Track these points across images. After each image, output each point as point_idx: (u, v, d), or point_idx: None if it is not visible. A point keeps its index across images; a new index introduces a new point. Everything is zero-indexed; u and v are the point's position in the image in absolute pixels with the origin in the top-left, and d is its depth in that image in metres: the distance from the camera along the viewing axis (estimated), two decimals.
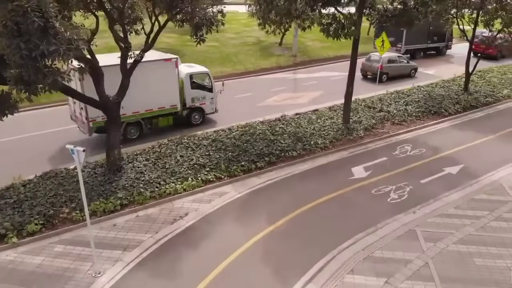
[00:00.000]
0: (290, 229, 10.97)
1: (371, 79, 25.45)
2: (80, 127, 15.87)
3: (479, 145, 16.50)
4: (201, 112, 18.25)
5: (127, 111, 15.26)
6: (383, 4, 16.47)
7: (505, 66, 28.98)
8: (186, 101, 17.51)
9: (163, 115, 16.83)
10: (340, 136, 16.64)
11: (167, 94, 16.44)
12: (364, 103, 20.87)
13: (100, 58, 12.84)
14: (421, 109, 19.91)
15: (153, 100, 16.05)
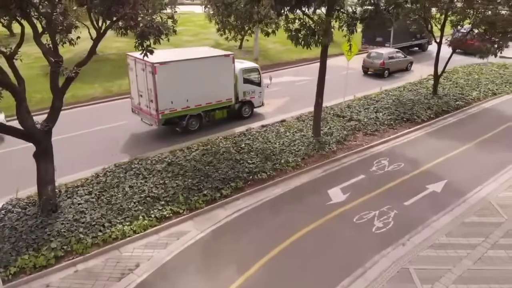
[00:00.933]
0: (264, 278, 9.17)
1: (373, 75, 27.25)
2: (145, 119, 16.71)
3: (459, 155, 15.46)
4: (250, 105, 19.06)
5: (191, 104, 16.35)
6: (351, 6, 15.05)
7: (470, 66, 28.73)
8: (239, 95, 18.27)
9: (219, 108, 17.62)
10: (311, 151, 15.06)
11: (224, 88, 17.36)
12: (332, 111, 19.50)
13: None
14: (393, 116, 18.76)
15: (213, 93, 16.96)
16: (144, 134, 17.11)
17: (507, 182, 13.44)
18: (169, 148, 15.18)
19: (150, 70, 14.74)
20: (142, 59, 13.15)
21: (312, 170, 14.12)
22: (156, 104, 15.33)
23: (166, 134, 17.05)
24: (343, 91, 21.04)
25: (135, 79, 16.23)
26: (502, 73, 26.66)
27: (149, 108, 15.87)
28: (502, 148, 16.07)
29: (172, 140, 16.28)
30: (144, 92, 15.86)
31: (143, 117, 16.79)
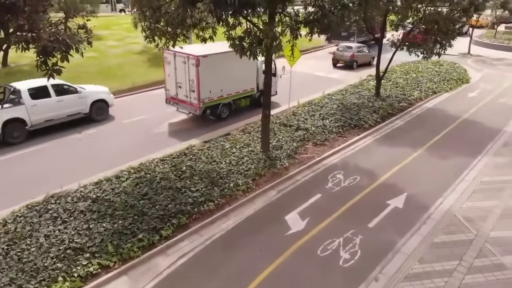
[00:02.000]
0: None
1: (342, 67, 29.65)
2: (183, 109, 18.25)
3: (413, 163, 14.78)
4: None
5: (224, 94, 18.03)
6: (293, 8, 13.70)
7: (406, 65, 28.99)
8: (259, 85, 19.25)
9: (244, 97, 19.26)
10: (262, 169, 13.52)
11: (249, 79, 19.09)
12: (278, 120, 18.16)
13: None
14: (340, 123, 17.82)
15: (241, 84, 18.67)
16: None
17: (466, 190, 12.88)
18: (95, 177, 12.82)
19: (194, 62, 16.39)
20: (184, 53, 16.11)
21: (265, 192, 12.58)
22: (198, 93, 16.92)
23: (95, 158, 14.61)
24: (287, 96, 19.83)
25: (173, 72, 17.51)
26: (438, 71, 27.14)
27: (189, 98, 17.37)
28: (453, 152, 15.70)
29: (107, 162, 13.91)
30: (184, 84, 17.36)
31: (180, 107, 18.34)
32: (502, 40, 39.69)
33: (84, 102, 17.86)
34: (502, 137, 17.23)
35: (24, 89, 15.96)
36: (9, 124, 15.51)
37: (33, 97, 16.11)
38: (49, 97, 16.62)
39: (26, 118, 15.94)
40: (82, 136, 16.86)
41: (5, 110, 15.49)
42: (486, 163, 14.80)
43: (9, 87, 16.12)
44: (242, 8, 9.42)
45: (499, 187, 13.04)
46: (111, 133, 17.29)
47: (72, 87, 17.56)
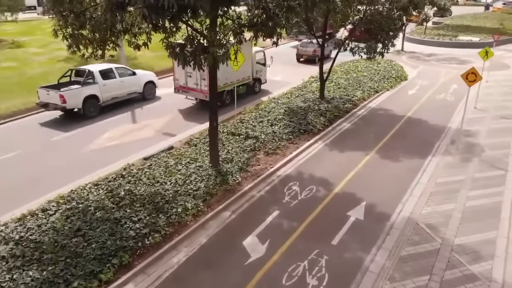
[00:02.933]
0: None
1: (306, 61, 32.04)
2: (192, 96, 20.33)
3: (366, 168, 14.36)
4: (259, 82, 23.42)
5: (228, 82, 19.95)
6: (235, 11, 12.63)
7: (346, 64, 29.11)
8: (253, 73, 22.35)
9: (242, 85, 21.48)
10: (213, 187, 12.32)
11: (247, 68, 21.24)
12: (226, 129, 17.04)
13: None
14: (289, 128, 17.08)
15: (241, 73, 20.51)
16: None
17: (423, 194, 12.63)
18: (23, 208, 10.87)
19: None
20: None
21: (218, 215, 11.40)
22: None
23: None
24: (232, 103, 18.75)
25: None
26: (377, 69, 27.48)
27: (199, 86, 19.46)
28: (403, 153, 15.55)
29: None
30: (194, 73, 19.12)
31: (190, 94, 20.45)
32: (432, 35, 41.60)
33: (139, 83, 21.41)
34: (447, 135, 17.46)
35: (96, 71, 19.31)
36: (87, 100, 18.76)
37: (103, 78, 19.46)
38: (114, 78, 20.02)
39: (99, 95, 19.28)
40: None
41: (85, 87, 18.74)
42: (437, 163, 14.77)
43: (83, 69, 19.44)
44: (182, 12, 8.16)
45: (454, 188, 12.95)
46: (37, 155, 15.17)
47: (130, 70, 21.33)
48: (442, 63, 32.10)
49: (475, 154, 15.49)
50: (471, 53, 36.01)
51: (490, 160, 14.93)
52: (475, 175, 13.80)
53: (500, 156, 15.27)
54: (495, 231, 10.73)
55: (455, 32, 43.30)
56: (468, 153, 15.52)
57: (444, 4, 40.17)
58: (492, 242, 10.29)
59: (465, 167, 14.42)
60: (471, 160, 14.98)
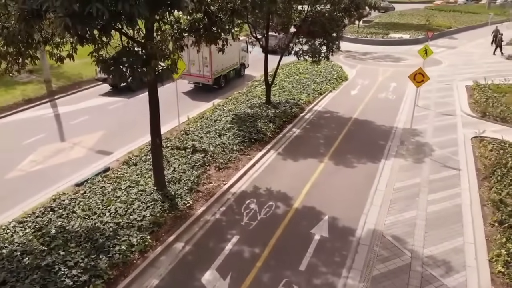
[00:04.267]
0: None
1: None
2: (194, 81, 23.82)
3: (322, 177, 13.71)
4: (244, 66, 26.85)
5: (223, 68, 23.86)
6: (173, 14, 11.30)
7: (287, 66, 28.61)
8: (240, 59, 25.65)
9: (232, 70, 24.98)
10: (161, 215, 10.89)
11: (235, 55, 24.80)
12: (170, 142, 15.57)
13: None
14: (239, 138, 16.01)
15: (231, 59, 24.30)
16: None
17: (384, 202, 12.18)
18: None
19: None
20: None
21: (170, 247, 10.02)
22: (211, 68, 22.33)
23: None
24: (175, 112, 17.25)
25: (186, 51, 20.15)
26: (318, 70, 27.26)
27: (202, 72, 22.53)
28: (356, 158, 15.13)
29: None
30: (197, 61, 22.25)
31: (192, 80, 23.53)
32: (365, 34, 42.63)
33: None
34: (395, 135, 17.40)
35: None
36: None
37: None
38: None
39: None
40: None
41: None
42: (391, 166, 14.50)
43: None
44: (115, 20, 6.72)
45: (412, 192, 12.67)
46: None
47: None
48: (378, 61, 32.79)
49: (426, 154, 15.48)
50: (403, 50, 37.41)
51: (441, 159, 14.97)
52: (430, 177, 13.68)
53: (449, 154, 15.38)
54: (461, 237, 10.48)
55: (385, 30, 44.81)
56: (419, 154, 15.47)
57: (375, 2, 41.41)
58: (460, 250, 10.00)
59: (419, 169, 14.29)
60: (423, 161, 14.91)
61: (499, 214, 11.00)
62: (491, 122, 18.61)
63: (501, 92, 22.16)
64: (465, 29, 50.71)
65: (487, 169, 13.73)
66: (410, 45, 39.62)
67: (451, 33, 47.45)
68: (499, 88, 22.81)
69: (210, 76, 22.77)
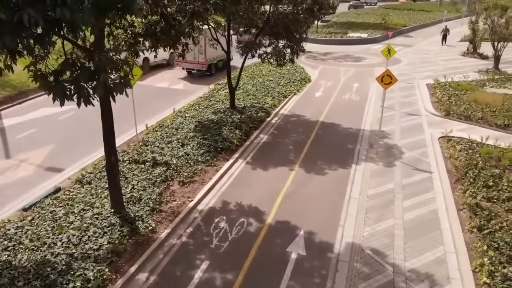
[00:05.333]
0: None
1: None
2: (189, 67, 26.65)
3: (294, 186, 13.03)
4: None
5: (215, 56, 26.68)
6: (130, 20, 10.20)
7: (250, 68, 27.85)
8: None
9: (220, 60, 27.59)
10: (120, 242, 9.75)
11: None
12: (127, 155, 14.35)
13: None
14: (204, 148, 15.05)
15: (221, 51, 22.88)
16: None
17: (359, 212, 11.64)
18: None
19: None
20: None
21: (132, 280, 8.92)
22: (205, 55, 25.56)
23: None
24: (132, 120, 15.99)
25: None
26: (281, 72, 26.68)
27: (197, 59, 25.61)
28: (327, 163, 14.60)
29: None
30: (193, 50, 21.60)
31: (187, 66, 26.52)
32: (324, 34, 42.66)
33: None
34: (363, 138, 17.06)
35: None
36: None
37: None
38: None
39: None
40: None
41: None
42: (362, 171, 14.06)
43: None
44: (53, 29, 5.58)
45: (387, 199, 12.24)
46: None
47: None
48: (339, 62, 32.75)
49: (395, 157, 15.19)
50: (362, 49, 37.74)
51: (412, 162, 14.71)
52: (403, 181, 13.33)
53: (419, 156, 15.17)
54: (441, 246, 10.10)
55: (343, 30, 45.12)
56: (389, 157, 15.16)
57: (332, 2, 41.54)
58: (442, 261, 9.60)
59: (391, 173, 13.93)
60: (394, 164, 14.59)
61: (477, 220, 10.74)
62: (455, 121, 18.72)
63: (462, 90, 22.49)
64: (420, 27, 52.22)
65: (459, 171, 13.58)
66: (369, 44, 40.12)
67: (407, 31, 48.61)
68: (459, 86, 23.16)
69: (204, 62, 25.81)
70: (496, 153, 14.57)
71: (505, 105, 19.89)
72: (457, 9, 65.10)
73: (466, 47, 34.93)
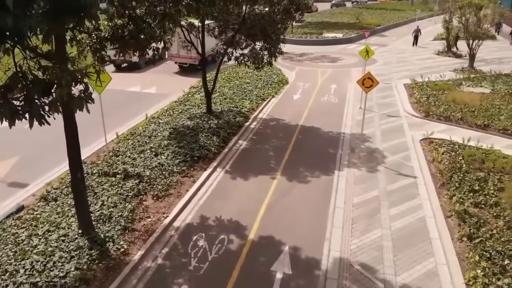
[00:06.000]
0: None
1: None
2: (182, 61, 27.98)
3: (277, 196, 12.42)
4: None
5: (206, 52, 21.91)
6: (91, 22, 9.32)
7: (226, 70, 27.10)
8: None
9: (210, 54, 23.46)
10: (89, 268, 8.85)
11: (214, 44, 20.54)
12: (96, 167, 13.39)
13: None
14: (180, 157, 14.23)
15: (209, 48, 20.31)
16: None
17: (345, 223, 11.11)
18: None
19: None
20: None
21: None
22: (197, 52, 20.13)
23: None
24: (101, 128, 14.94)
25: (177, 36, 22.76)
26: (258, 74, 26.01)
27: (190, 54, 23.85)
28: (309, 170, 14.06)
29: None
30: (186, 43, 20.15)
31: (180, 60, 28.03)
32: (299, 34, 42.27)
33: None
34: (344, 142, 16.61)
35: None
36: None
37: None
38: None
39: None
40: None
41: None
42: (345, 178, 13.57)
43: None
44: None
45: (372, 208, 11.78)
46: None
47: None
48: (315, 62, 32.37)
49: (378, 161, 14.78)
50: (338, 49, 37.55)
51: (395, 166, 14.34)
52: (387, 187, 12.91)
53: (402, 160, 14.82)
54: (432, 257, 9.67)
55: (318, 30, 44.89)
56: (371, 162, 14.74)
57: (306, 2, 41.14)
58: (434, 274, 9.16)
59: (374, 179, 13.50)
60: (377, 169, 14.18)
61: (466, 228, 10.37)
62: (435, 122, 18.54)
63: (439, 90, 22.41)
64: (393, 26, 52.63)
65: (443, 175, 13.27)
66: (344, 44, 39.99)
67: (381, 30, 48.86)
68: (437, 86, 23.09)
69: (197, 57, 25.40)
70: (479, 155, 14.36)
71: (483, 105, 19.87)
72: (429, 8, 66.14)
73: (442, 46, 35.10)
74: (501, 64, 29.97)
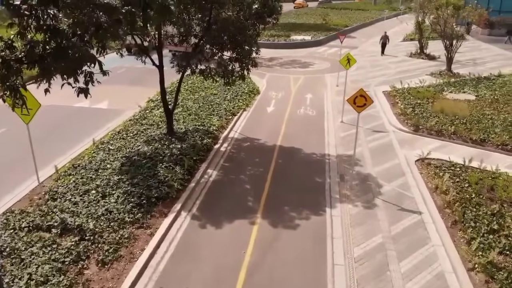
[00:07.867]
0: None
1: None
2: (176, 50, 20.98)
3: (259, 251, 9.86)
4: None
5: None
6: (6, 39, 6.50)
7: (189, 79, 24.13)
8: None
9: None
10: None
11: None
12: (25, 218, 10.35)
13: None
14: (133, 199, 11.39)
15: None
16: None
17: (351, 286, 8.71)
18: None
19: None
20: None
21: None
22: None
23: None
24: (39, 159, 11.81)
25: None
26: None
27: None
28: (295, 209, 11.62)
29: None
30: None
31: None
32: (266, 37, 39.80)
33: None
34: (331, 167, 14.30)
35: None
36: None
37: None
38: None
39: None
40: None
41: None
42: (340, 219, 11.25)
43: None
44: None
45: (379, 263, 9.48)
46: None
47: None
48: (286, 68, 30.09)
49: (373, 192, 12.59)
50: (308, 53, 35.50)
51: (394, 199, 12.17)
52: (391, 230, 10.67)
53: (400, 189, 12.70)
54: None
55: (286, 32, 42.71)
56: (366, 193, 12.52)
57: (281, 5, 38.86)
58: None
59: (374, 218, 11.24)
60: (374, 204, 11.94)
61: (496, 287, 8.25)
62: (426, 137, 16.67)
63: (423, 98, 20.65)
64: (360, 26, 51.46)
65: (452, 209, 11.18)
66: (314, 47, 38.00)
67: (349, 31, 47.27)
68: (419, 93, 21.36)
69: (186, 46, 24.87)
70: (487, 181, 12.45)
71: (474, 115, 18.21)
72: (393, 8, 65.77)
73: (414, 47, 33.69)
74: (476, 66, 28.91)
